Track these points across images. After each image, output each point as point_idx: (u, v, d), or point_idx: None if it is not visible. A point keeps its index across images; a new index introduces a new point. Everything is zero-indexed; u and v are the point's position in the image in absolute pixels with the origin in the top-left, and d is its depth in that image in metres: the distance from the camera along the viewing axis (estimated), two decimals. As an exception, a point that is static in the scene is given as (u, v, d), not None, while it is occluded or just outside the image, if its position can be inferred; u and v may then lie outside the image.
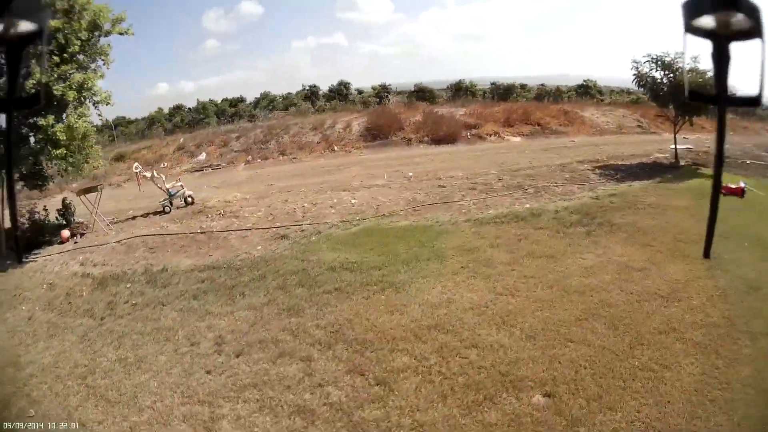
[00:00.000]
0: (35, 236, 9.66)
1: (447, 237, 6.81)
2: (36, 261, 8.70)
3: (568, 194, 8.58)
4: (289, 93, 30.77)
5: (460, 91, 25.45)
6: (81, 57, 8.69)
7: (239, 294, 5.97)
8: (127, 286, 7.02)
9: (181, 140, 18.16)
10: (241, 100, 32.24)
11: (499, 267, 5.64)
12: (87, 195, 9.93)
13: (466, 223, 7.33)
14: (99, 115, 9.60)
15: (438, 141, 15.78)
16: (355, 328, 4.75)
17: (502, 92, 24.99)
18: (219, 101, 30.25)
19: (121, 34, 9.21)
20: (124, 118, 33.40)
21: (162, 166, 16.21)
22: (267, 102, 28.01)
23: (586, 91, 26.34)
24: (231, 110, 28.16)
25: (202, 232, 8.66)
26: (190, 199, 10.66)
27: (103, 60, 9.22)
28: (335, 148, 16.18)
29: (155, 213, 10.41)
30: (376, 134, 16.50)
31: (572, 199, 8.33)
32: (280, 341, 4.76)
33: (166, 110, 30.73)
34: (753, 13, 0.74)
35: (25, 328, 6.24)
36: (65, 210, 10.22)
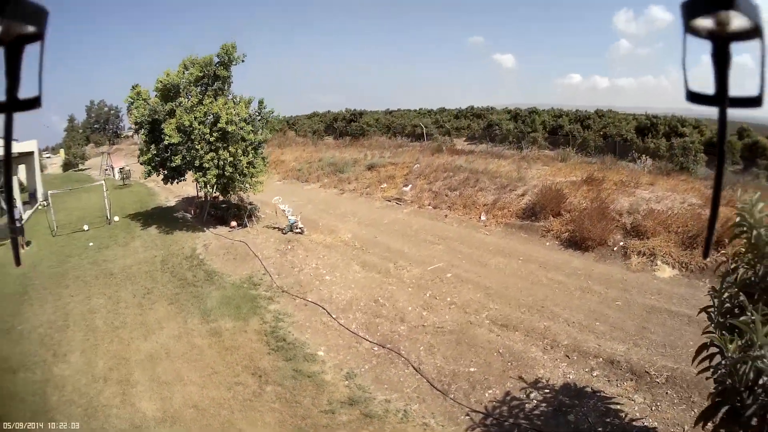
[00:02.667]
0: (224, 217, 18.07)
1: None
2: (204, 231, 16.93)
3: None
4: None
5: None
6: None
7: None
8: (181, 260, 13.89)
9: (416, 167, 23.28)
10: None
11: None
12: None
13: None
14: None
15: (573, 243, 13.60)
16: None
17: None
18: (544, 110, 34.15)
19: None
20: (491, 108, 41.87)
21: (382, 186, 22.20)
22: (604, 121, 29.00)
23: None
24: (551, 124, 31.30)
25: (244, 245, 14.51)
26: (299, 230, 16.37)
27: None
28: (482, 217, 16.89)
29: (279, 230, 16.67)
30: (533, 213, 15.94)
31: None
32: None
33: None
34: (753, 12, 0.81)
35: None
36: (249, 211, 18.11)
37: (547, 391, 7.45)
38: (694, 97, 0.92)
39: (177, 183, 18.65)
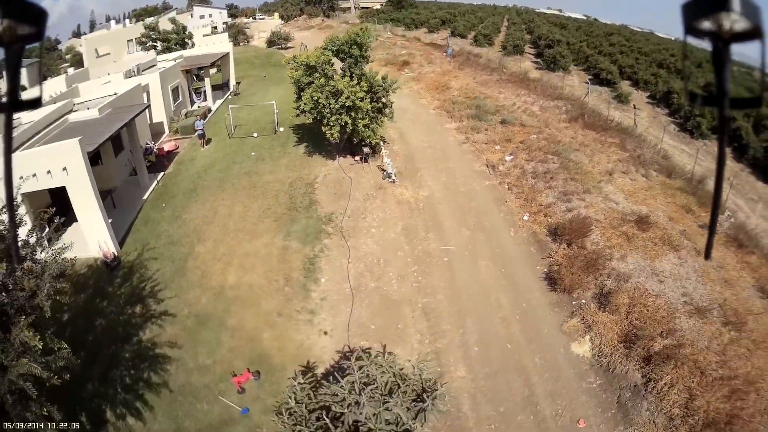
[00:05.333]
0: (354, 150, 26.83)
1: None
2: (334, 160, 26.06)
3: None
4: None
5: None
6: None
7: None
8: (302, 186, 23.34)
9: (533, 137, 28.65)
10: None
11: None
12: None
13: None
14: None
15: (551, 279, 16.36)
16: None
17: None
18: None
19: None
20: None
21: (496, 147, 28.23)
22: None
23: None
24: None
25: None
26: (391, 180, 24.21)
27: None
28: (525, 217, 22.15)
29: (383, 171, 24.77)
30: (556, 234, 18.27)
31: None
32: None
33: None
34: (754, 14, 0.92)
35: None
36: (367, 155, 26.34)
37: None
38: (694, 97, 1.07)
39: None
